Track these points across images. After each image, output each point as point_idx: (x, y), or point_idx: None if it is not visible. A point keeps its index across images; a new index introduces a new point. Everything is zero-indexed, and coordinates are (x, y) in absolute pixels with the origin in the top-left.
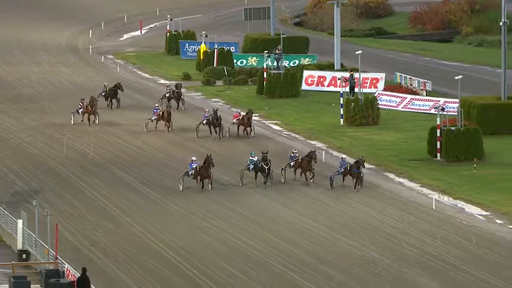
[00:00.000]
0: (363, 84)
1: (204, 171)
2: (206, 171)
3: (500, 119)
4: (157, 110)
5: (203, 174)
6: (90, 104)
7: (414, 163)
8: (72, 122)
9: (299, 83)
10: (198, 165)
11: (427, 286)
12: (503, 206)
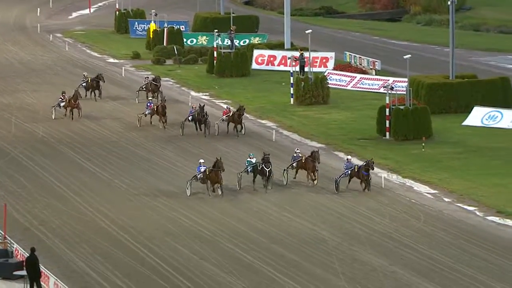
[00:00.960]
0: (313, 64)
1: (214, 175)
2: (217, 175)
3: (448, 98)
4: (151, 103)
5: (213, 178)
6: (73, 98)
7: (363, 142)
8: (53, 116)
9: (249, 63)
10: (207, 168)
11: (376, 263)
12: (450, 184)
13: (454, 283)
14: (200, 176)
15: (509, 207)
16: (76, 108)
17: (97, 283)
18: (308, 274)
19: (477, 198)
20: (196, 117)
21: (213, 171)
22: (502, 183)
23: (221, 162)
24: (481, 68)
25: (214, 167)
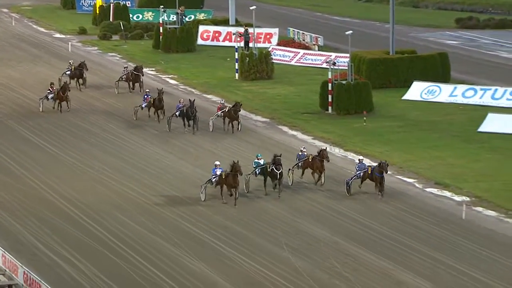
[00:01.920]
0: (257, 39)
1: (231, 179)
2: (234, 179)
3: (388, 73)
4: (148, 96)
5: (230, 182)
6: (62, 90)
7: (306, 116)
8: (41, 109)
9: (194, 38)
10: (223, 171)
11: (318, 233)
12: (391, 157)
13: (394, 252)
14: (216, 180)
15: (447, 178)
16: (65, 101)
17: (45, 256)
18: (252, 246)
19: (416, 170)
20: (184, 112)
21: (230, 174)
22: (440, 155)
23: (238, 165)
24: (420, 44)
25: (231, 170)
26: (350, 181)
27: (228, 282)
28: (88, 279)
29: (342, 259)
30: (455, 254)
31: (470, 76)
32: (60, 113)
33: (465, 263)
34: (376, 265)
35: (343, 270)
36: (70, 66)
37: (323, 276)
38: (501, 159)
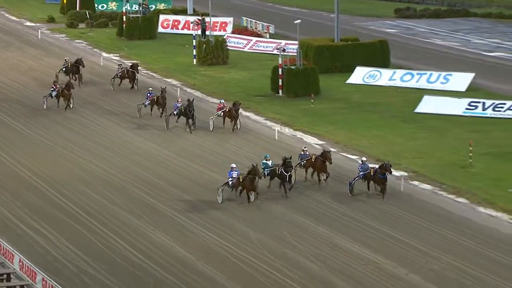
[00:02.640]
0: (214, 28)
1: (248, 182)
2: (251, 182)
3: (333, 59)
4: (151, 94)
5: (247, 186)
6: (66, 88)
7: (259, 98)
8: (45, 107)
9: (155, 27)
10: (239, 173)
11: (275, 210)
12: (336, 136)
13: (338, 223)
14: (233, 182)
15: (387, 155)
16: (68, 99)
17: (17, 227)
18: (210, 218)
19: (359, 148)
20: (182, 111)
21: (247, 178)
22: (380, 134)
23: (257, 168)
24: (363, 32)
25: (249, 173)
26: (353, 182)
27: (187, 251)
28: (57, 248)
29: (292, 230)
30: (395, 224)
31: (407, 61)
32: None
33: (403, 232)
34: (324, 235)
35: (292, 239)
36: (66, 62)
37: (275, 245)
38: (436, 138)
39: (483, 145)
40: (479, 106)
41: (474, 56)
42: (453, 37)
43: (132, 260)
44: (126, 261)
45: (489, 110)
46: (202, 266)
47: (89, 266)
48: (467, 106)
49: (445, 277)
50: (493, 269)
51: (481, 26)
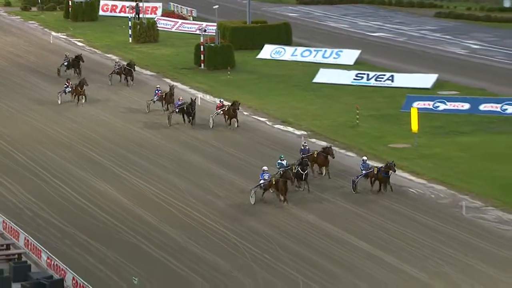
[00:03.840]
0: (146, 11)
1: (281, 185)
2: (284, 185)
3: (246, 38)
4: (158, 91)
5: (280, 188)
6: (79, 85)
7: (184, 71)
8: (59, 102)
9: (97, 10)
10: (270, 176)
11: (196, 162)
12: (248, 101)
13: (251, 173)
14: (264, 184)
15: (290, 118)
16: (81, 95)
17: None
18: (143, 169)
19: (267, 111)
20: (185, 109)
21: (279, 181)
22: (285, 100)
23: (289, 172)
24: (270, 16)
25: (282, 177)
26: (356, 180)
27: (124, 197)
28: (18, 198)
29: (215, 181)
30: None
31: (306, 40)
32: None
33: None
34: (240, 184)
35: (215, 188)
36: (66, 57)
37: (199, 192)
38: (329, 103)
39: (367, 109)
40: (364, 77)
41: (360, 36)
42: (343, 20)
43: (79, 205)
44: (75, 206)
45: (372, 80)
46: (138, 210)
47: (43, 210)
48: (354, 77)
49: (331, 212)
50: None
51: (366, 11)
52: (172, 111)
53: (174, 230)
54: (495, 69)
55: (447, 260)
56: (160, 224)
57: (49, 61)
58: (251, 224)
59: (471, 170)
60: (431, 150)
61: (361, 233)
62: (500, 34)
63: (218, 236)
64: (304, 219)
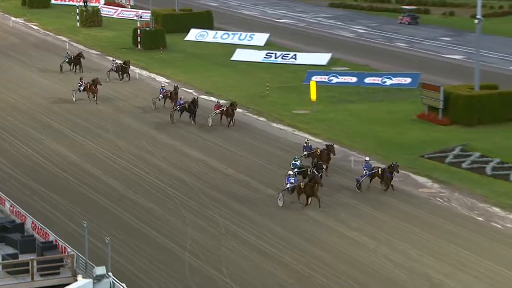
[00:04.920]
0: (91, 0)
1: (309, 189)
2: (312, 189)
3: (174, 23)
4: (164, 89)
5: (308, 192)
6: (93, 84)
7: (124, 50)
8: (74, 99)
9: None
10: (296, 180)
11: (133, 125)
12: (178, 76)
13: (182, 135)
14: (291, 188)
15: (212, 89)
16: (95, 93)
17: None
18: (85, 129)
19: (194, 84)
20: (186, 107)
21: (308, 185)
22: (208, 75)
23: (319, 177)
24: (195, 5)
25: (310, 181)
26: (360, 179)
27: (75, 155)
28: None
29: (148, 141)
30: (218, 136)
31: (225, 25)
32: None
33: (226, 141)
34: (169, 143)
35: (149, 147)
36: (68, 55)
37: (135, 150)
38: (244, 77)
39: (275, 82)
40: (272, 55)
41: (269, 22)
42: (255, 8)
43: (37, 162)
44: (33, 163)
45: (279, 58)
46: (87, 165)
47: (6, 167)
48: (264, 55)
49: (247, 166)
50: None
51: (273, 2)
52: (174, 109)
53: (116, 181)
54: (376, 49)
55: (336, 201)
56: (104, 176)
57: (9, 41)
58: (179, 175)
59: (358, 131)
60: (326, 115)
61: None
62: (380, 21)
63: (152, 186)
64: (218, 169)
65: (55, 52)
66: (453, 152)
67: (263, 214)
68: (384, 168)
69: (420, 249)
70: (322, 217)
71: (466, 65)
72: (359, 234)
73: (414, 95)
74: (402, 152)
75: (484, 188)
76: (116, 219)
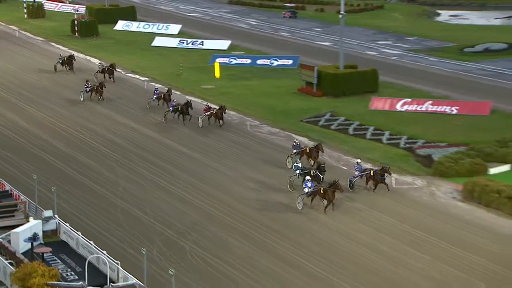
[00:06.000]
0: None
1: (330, 194)
2: (333, 195)
3: (106, 16)
4: (157, 91)
5: (330, 197)
6: (100, 86)
7: (65, 37)
8: (82, 99)
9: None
10: (313, 185)
11: (75, 98)
12: (108, 58)
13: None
14: (311, 192)
15: (136, 69)
16: (100, 94)
17: None
18: (40, 105)
19: (122, 64)
20: (179, 109)
21: (329, 190)
22: (133, 58)
23: (339, 183)
24: (122, 1)
25: (330, 187)
26: (353, 180)
27: (25, 121)
28: None
29: (91, 112)
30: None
31: (146, 18)
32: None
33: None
34: (106, 113)
35: (90, 117)
36: (61, 57)
37: (77, 119)
38: (162, 60)
39: (187, 63)
40: (184, 42)
41: (181, 15)
42: (170, 4)
43: None
44: None
45: (190, 44)
46: (37, 131)
47: None
48: (178, 42)
49: (169, 131)
50: None
51: (187, 0)
52: (167, 110)
53: (62, 144)
54: (265, 37)
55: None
56: (53, 140)
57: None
58: (113, 138)
59: (252, 101)
60: (227, 89)
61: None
62: (268, 15)
63: (90, 147)
64: (147, 135)
65: (5, 39)
66: (324, 117)
67: (181, 169)
68: (376, 170)
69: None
70: (223, 168)
71: (333, 50)
72: (253, 182)
73: (294, 73)
74: (286, 117)
75: (347, 145)
76: (62, 174)
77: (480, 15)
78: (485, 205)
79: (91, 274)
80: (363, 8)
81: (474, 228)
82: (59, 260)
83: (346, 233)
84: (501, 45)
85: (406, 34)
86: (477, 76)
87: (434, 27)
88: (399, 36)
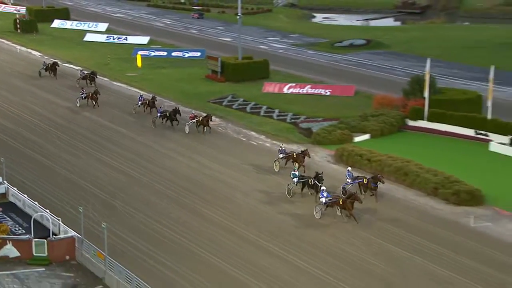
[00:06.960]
0: None
1: (349, 205)
2: (351, 205)
3: (44, 16)
4: (142, 97)
5: (348, 208)
6: (94, 93)
7: (8, 33)
8: (78, 105)
9: None
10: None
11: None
12: (47, 51)
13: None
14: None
15: (71, 60)
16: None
17: None
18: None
19: (60, 56)
20: (167, 115)
21: (347, 201)
22: (68, 51)
23: (358, 196)
24: (57, 3)
25: (349, 198)
26: (346, 186)
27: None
28: None
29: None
30: None
31: (78, 17)
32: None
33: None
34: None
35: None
36: (45, 64)
37: (21, 101)
38: (93, 52)
39: (114, 55)
40: (111, 37)
41: (108, 15)
42: (99, 7)
43: None
44: None
45: (116, 40)
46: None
47: None
48: (106, 37)
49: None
50: None
51: (111, 2)
52: (156, 117)
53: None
54: (178, 34)
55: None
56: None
57: None
58: (54, 118)
59: (169, 86)
60: (148, 76)
61: None
62: (180, 16)
63: (35, 125)
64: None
65: None
66: (227, 99)
67: (115, 143)
68: (369, 178)
69: (187, 149)
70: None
71: (233, 44)
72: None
73: (202, 63)
74: (196, 99)
75: (246, 120)
76: (12, 149)
77: (346, 17)
78: (351, 166)
79: (36, 229)
80: (256, 11)
81: (343, 176)
82: (8, 218)
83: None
84: (361, 41)
85: (290, 32)
86: (344, 65)
87: (311, 26)
88: (284, 34)
